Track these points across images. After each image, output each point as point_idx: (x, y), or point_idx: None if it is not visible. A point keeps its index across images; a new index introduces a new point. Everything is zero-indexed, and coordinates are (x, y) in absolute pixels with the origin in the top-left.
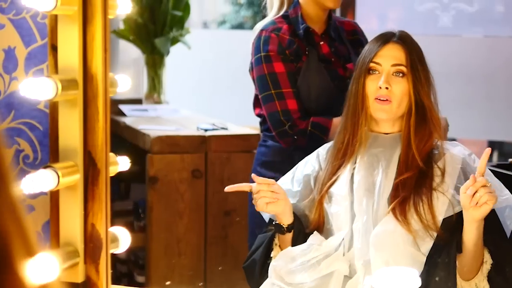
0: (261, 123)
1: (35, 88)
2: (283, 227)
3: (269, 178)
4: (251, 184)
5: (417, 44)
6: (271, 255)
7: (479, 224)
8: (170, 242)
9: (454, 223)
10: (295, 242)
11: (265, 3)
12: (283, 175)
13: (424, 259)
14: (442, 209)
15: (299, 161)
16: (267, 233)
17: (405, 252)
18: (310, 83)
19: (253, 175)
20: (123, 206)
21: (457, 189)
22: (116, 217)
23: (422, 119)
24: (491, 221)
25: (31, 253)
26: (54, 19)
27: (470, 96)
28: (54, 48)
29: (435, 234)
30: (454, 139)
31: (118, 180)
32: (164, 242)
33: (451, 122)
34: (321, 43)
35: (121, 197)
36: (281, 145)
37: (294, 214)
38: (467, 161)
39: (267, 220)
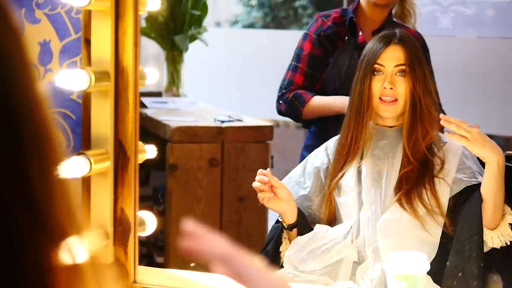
0: None
1: (70, 79)
2: (284, 226)
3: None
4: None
5: (416, 43)
6: (280, 249)
7: (500, 171)
8: None
9: (454, 202)
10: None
11: None
12: None
13: (436, 240)
14: (444, 192)
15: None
16: (279, 225)
17: (413, 235)
18: (340, 65)
19: (268, 170)
20: (143, 191)
21: (458, 173)
22: None
23: (419, 116)
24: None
25: (79, 231)
26: (88, 14)
27: (466, 92)
28: (88, 42)
29: (441, 220)
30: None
31: (139, 167)
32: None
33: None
34: (360, 33)
35: (141, 183)
36: (318, 130)
37: (300, 212)
38: (465, 151)
39: None
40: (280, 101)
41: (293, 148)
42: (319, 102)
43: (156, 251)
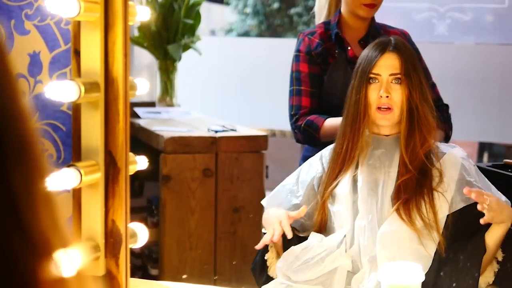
0: None
1: (60, 90)
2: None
3: None
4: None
5: (411, 51)
6: (265, 257)
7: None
8: (182, 237)
9: (454, 223)
10: (287, 246)
11: (313, 12)
12: None
13: (430, 255)
14: (443, 208)
15: None
16: None
17: (410, 248)
18: (336, 81)
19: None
20: (137, 203)
21: (459, 190)
22: (131, 213)
23: (416, 124)
24: None
25: (65, 244)
26: (77, 25)
27: (463, 100)
28: (77, 53)
29: (436, 237)
30: (447, 140)
31: (133, 178)
32: (176, 237)
33: None
34: (349, 48)
35: (135, 195)
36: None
37: None
38: (465, 163)
39: None
40: (296, 131)
41: (289, 157)
42: (332, 124)
43: (150, 263)
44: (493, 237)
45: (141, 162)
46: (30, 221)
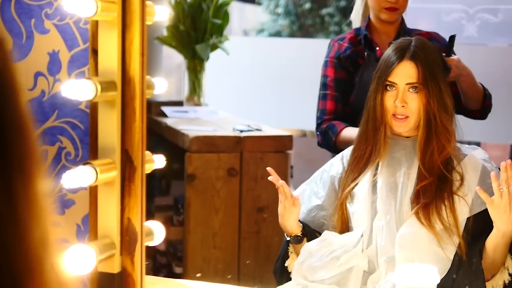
0: None
1: (76, 89)
2: (298, 236)
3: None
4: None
5: (431, 55)
6: (286, 264)
7: (504, 241)
8: (206, 236)
9: (472, 226)
10: None
11: (350, 21)
12: None
13: (450, 258)
14: (464, 211)
15: None
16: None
17: (429, 250)
18: (367, 80)
19: (281, 182)
20: (164, 201)
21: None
22: (157, 211)
23: (434, 132)
24: None
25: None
26: (95, 24)
27: (494, 102)
28: (95, 52)
29: (456, 240)
30: (478, 143)
31: (160, 177)
32: (200, 236)
33: (476, 127)
34: (377, 48)
35: (162, 193)
36: None
37: (303, 224)
38: (486, 165)
39: None
40: (318, 133)
41: (319, 157)
42: (351, 133)
43: (175, 261)
44: (490, 244)
45: (158, 161)
46: (25, 221)
